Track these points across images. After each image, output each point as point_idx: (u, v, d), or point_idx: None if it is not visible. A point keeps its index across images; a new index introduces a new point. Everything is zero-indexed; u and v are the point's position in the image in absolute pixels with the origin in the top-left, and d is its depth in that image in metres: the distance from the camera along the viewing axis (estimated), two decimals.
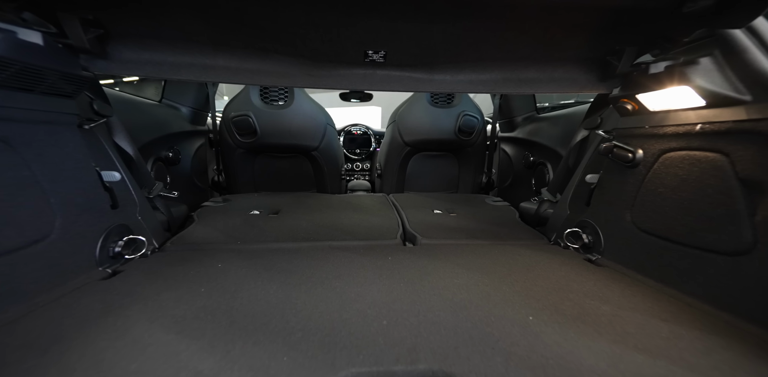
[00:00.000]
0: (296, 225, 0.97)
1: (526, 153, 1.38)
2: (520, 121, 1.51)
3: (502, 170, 1.63)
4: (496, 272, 0.65)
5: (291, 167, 1.49)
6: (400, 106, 1.50)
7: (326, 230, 0.93)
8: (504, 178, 1.61)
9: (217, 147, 1.42)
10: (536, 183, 1.32)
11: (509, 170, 1.55)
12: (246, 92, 1.29)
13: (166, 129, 1.15)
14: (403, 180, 1.61)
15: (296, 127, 1.33)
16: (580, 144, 0.94)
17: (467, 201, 1.33)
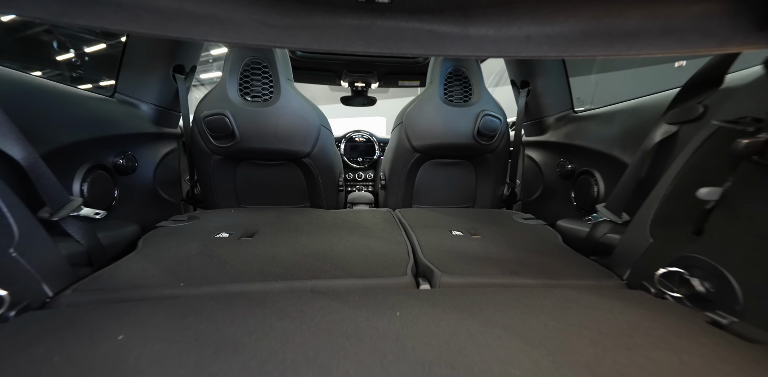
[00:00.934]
0: (272, 254, 0.71)
1: (562, 160, 1.13)
2: (552, 122, 1.26)
3: (528, 180, 1.37)
4: (572, 350, 0.38)
5: (279, 177, 1.24)
6: (408, 105, 1.25)
7: (311, 262, 0.67)
8: (531, 190, 1.34)
9: (190, 153, 1.18)
10: (578, 196, 1.05)
11: (537, 180, 1.29)
12: (222, 86, 1.06)
13: (110, 128, 0.91)
14: (411, 192, 1.35)
15: (283, 129, 1.08)
16: (660, 145, 0.68)
17: (491, 218, 1.07)
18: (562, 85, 1.25)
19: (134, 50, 1.07)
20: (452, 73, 1.22)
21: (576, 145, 1.04)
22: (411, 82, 2.06)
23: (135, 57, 1.08)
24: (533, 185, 1.33)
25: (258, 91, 1.10)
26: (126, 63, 1.07)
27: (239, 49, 1.05)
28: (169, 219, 0.97)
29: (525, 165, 1.39)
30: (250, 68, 1.08)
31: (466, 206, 1.38)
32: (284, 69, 1.09)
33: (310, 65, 1.91)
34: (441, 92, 1.21)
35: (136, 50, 1.07)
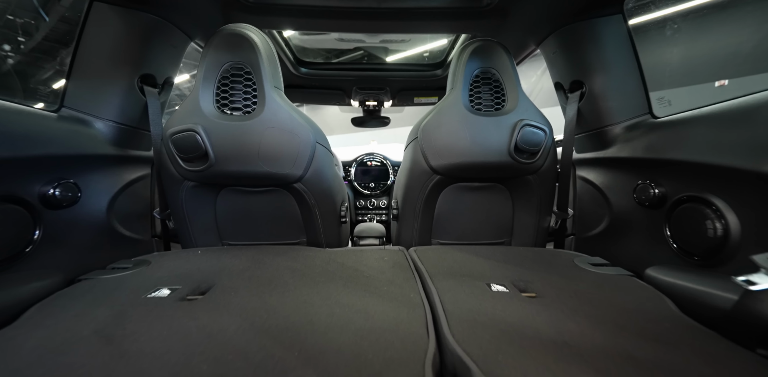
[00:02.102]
0: (214, 330, 0.46)
1: (642, 182, 0.84)
2: (620, 133, 0.97)
3: (585, 209, 1.07)
4: None
5: (268, 206, 1.00)
6: (424, 116, 1.01)
7: (269, 350, 0.41)
8: (588, 222, 1.05)
9: (159, 180, 0.98)
10: (678, 234, 0.76)
11: (599, 210, 0.99)
12: (194, 97, 0.86)
13: (36, 149, 0.71)
14: (430, 223, 1.08)
15: (268, 147, 0.86)
16: None
17: (542, 261, 0.78)
18: (633, 83, 0.96)
19: (89, 55, 0.90)
20: (479, 76, 0.98)
21: (671, 159, 0.75)
22: (428, 99, 1.85)
23: (90, 63, 0.90)
24: (593, 216, 1.03)
25: (239, 101, 0.89)
26: (77, 70, 0.90)
27: (217, 50, 0.86)
28: (108, 267, 0.74)
29: (579, 189, 1.10)
30: (230, 75, 0.88)
31: (501, 241, 1.08)
32: (271, 75, 0.88)
33: (316, 83, 1.74)
34: (466, 98, 0.97)
35: (91, 55, 0.90)
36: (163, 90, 1.04)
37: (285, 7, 1.00)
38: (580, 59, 1.02)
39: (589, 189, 1.05)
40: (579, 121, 1.06)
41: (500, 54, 0.96)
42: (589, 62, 1.00)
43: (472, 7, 1.01)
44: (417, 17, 1.06)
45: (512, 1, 0.97)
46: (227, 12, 0.98)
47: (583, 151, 1.11)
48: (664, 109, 0.90)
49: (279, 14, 1.03)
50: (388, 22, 1.09)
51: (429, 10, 1.02)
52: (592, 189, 1.03)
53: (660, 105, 0.97)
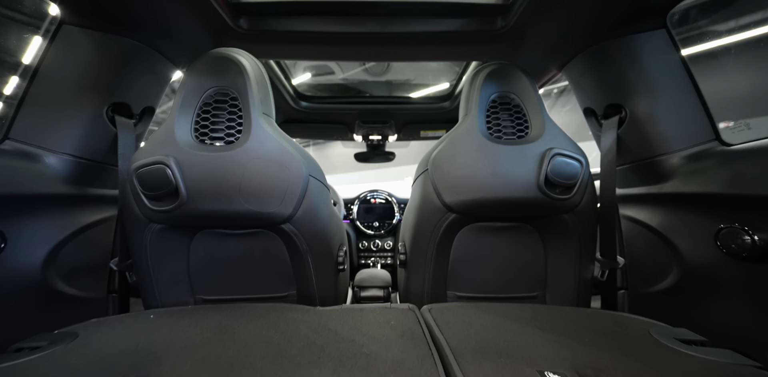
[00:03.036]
0: None
1: (729, 226, 0.66)
2: (679, 164, 0.81)
3: (638, 257, 0.89)
4: None
5: (252, 253, 0.84)
6: (435, 146, 0.88)
7: None
8: (648, 275, 0.85)
9: (120, 223, 0.83)
10: None
11: (664, 259, 0.80)
12: (168, 125, 0.75)
13: None
14: (445, 272, 0.90)
15: (251, 181, 0.72)
16: None
17: (606, 333, 0.58)
18: (690, 105, 0.82)
19: (50, 81, 0.80)
20: (497, 101, 0.87)
21: None
22: (436, 133, 1.76)
23: (50, 90, 0.80)
24: (652, 266, 0.84)
25: (221, 129, 0.77)
26: (33, 97, 0.79)
27: (200, 75, 0.76)
28: (11, 348, 0.55)
29: (627, 232, 0.92)
30: (213, 101, 0.77)
31: (533, 296, 0.89)
32: (259, 100, 0.77)
33: (318, 117, 1.66)
34: (482, 125, 0.84)
35: (53, 81, 0.80)
36: (141, 121, 0.93)
37: (282, 34, 0.93)
38: (616, 81, 0.90)
39: (641, 232, 0.87)
40: (620, 151, 0.91)
41: (519, 77, 0.86)
42: (628, 83, 0.88)
43: (485, 30, 0.93)
44: (424, 42, 0.98)
45: (530, 23, 0.88)
46: (219, 39, 0.90)
47: (629, 186, 0.95)
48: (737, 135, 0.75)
49: (275, 42, 0.96)
50: (394, 49, 1.01)
51: (437, 34, 0.94)
52: (646, 233, 0.85)
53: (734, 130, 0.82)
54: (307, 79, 1.62)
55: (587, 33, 0.88)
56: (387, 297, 1.20)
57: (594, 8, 0.79)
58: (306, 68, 1.63)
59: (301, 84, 1.55)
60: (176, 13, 0.81)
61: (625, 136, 0.90)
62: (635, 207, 0.90)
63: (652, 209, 0.86)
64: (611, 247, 0.87)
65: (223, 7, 0.84)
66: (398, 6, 0.89)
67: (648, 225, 0.84)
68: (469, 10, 0.91)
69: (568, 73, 1.05)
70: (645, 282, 0.86)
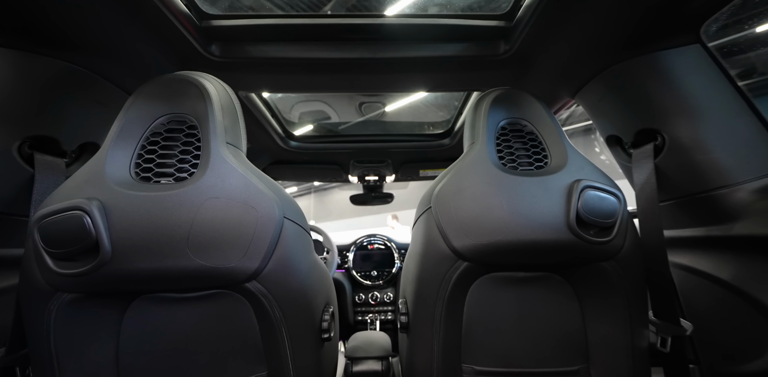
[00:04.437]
0: None
1: None
2: (750, 197, 0.65)
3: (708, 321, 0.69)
4: None
5: (208, 321, 0.63)
6: (438, 180, 0.74)
7: None
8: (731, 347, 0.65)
9: (17, 297, 0.64)
10: None
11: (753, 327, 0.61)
12: (96, 161, 0.59)
13: None
14: (458, 337, 0.70)
15: (204, 227, 0.56)
16: None
17: None
18: (746, 125, 0.69)
19: None
20: (506, 128, 0.75)
21: None
22: (435, 171, 1.65)
23: None
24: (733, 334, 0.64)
25: (171, 163, 0.63)
26: None
27: (148, 101, 0.63)
28: None
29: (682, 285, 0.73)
30: (164, 131, 0.63)
31: (574, 370, 0.68)
32: (224, 128, 0.64)
33: (309, 157, 1.56)
34: (493, 153, 0.71)
35: None
36: (78, 160, 0.79)
37: (260, 61, 0.84)
38: (646, 103, 0.78)
39: (707, 286, 0.68)
40: (661, 184, 0.76)
41: (530, 102, 0.75)
42: (663, 105, 0.76)
43: (486, 55, 0.85)
44: (419, 69, 0.90)
45: (536, 46, 0.80)
46: (187, 68, 0.79)
47: (677, 226, 0.78)
48: None
49: (253, 71, 0.86)
50: (386, 77, 0.92)
51: (433, 60, 0.86)
52: (714, 287, 0.66)
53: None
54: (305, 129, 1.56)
55: (604, 52, 0.79)
56: (386, 371, 0.96)
57: (612, 25, 0.70)
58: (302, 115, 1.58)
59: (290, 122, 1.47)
60: (131, 36, 0.70)
61: (665, 167, 0.76)
62: (691, 253, 0.73)
63: (717, 256, 0.68)
64: (669, 306, 0.68)
65: (191, 31, 0.74)
66: (391, 29, 0.82)
67: (715, 277, 0.66)
68: (468, 33, 0.84)
69: (583, 99, 0.94)
70: (726, 356, 0.65)
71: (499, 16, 0.82)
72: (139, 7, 0.67)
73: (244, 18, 0.78)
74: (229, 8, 0.83)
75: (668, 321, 0.68)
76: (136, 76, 0.82)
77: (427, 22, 0.82)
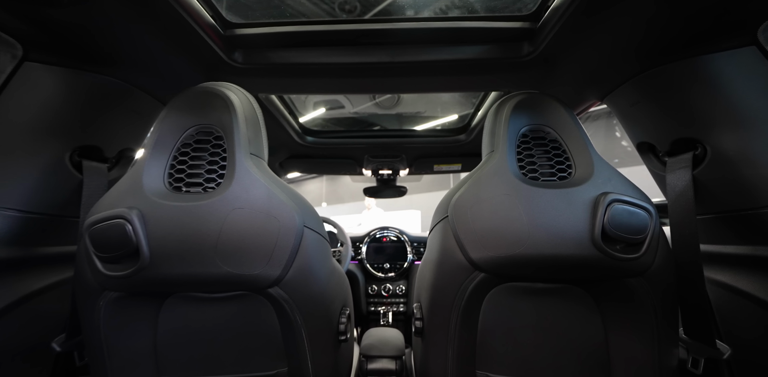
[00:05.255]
0: None
1: None
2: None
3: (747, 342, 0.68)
4: None
5: (233, 320, 0.68)
6: (456, 188, 0.74)
7: None
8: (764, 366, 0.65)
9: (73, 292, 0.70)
10: None
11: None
12: (135, 172, 0.63)
13: None
14: (473, 345, 0.72)
15: (231, 237, 0.59)
16: None
17: None
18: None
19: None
20: (528, 135, 0.73)
21: None
22: (450, 166, 1.63)
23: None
24: None
25: (200, 174, 0.66)
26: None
27: (179, 113, 0.66)
28: None
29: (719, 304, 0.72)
30: (194, 141, 0.66)
31: None
32: (248, 140, 0.66)
33: (325, 152, 1.56)
34: (513, 164, 0.70)
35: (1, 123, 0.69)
36: (119, 164, 0.83)
37: (281, 67, 0.84)
38: (687, 110, 0.74)
39: (748, 307, 0.67)
40: (699, 196, 0.73)
41: (555, 107, 0.73)
42: (707, 113, 0.71)
43: (508, 57, 0.82)
44: (438, 72, 0.88)
45: (563, 49, 0.76)
46: (211, 75, 0.82)
47: (716, 242, 0.75)
48: None
49: (274, 76, 0.87)
50: (405, 79, 0.90)
51: (453, 63, 0.84)
52: (757, 309, 0.65)
53: None
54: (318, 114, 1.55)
55: (640, 56, 0.74)
56: (400, 371, 1.00)
57: (653, 28, 0.66)
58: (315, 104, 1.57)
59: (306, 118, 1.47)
60: (162, 49, 0.74)
61: (705, 179, 0.72)
62: (731, 271, 0.71)
63: (763, 276, 0.66)
64: (704, 326, 0.66)
65: (215, 41, 0.75)
66: (409, 33, 0.80)
67: (759, 298, 0.64)
68: (490, 35, 0.81)
69: (613, 103, 0.90)
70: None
71: (523, 18, 0.78)
72: (171, 24, 0.70)
73: (265, 26, 0.78)
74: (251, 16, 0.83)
75: (702, 341, 0.67)
76: (166, 84, 0.86)
77: (446, 25, 0.79)
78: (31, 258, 0.71)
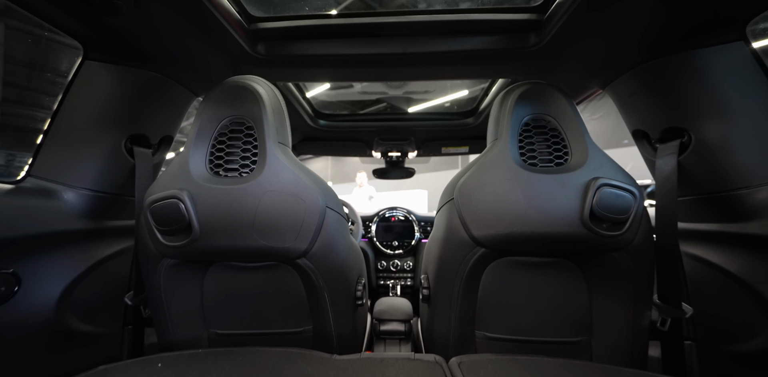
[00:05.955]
0: None
1: None
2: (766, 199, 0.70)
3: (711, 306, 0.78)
4: None
5: (266, 287, 0.80)
6: (461, 173, 0.81)
7: None
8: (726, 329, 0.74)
9: (135, 257, 0.82)
10: None
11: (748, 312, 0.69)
12: (182, 157, 0.73)
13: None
14: (473, 309, 0.82)
15: (265, 216, 0.68)
16: None
17: None
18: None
19: (71, 117, 0.80)
20: (530, 124, 0.79)
21: None
22: (458, 149, 1.69)
23: (71, 126, 0.80)
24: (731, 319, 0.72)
25: (236, 160, 0.74)
26: (54, 134, 0.79)
27: (216, 105, 0.73)
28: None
29: (692, 273, 0.81)
30: (229, 131, 0.74)
31: (575, 341, 0.79)
32: (275, 130, 0.74)
33: (337, 135, 1.63)
34: (515, 151, 0.77)
35: (74, 117, 0.80)
36: (159, 149, 0.93)
37: (300, 57, 0.90)
38: (677, 101, 0.79)
39: (715, 276, 0.75)
40: (682, 180, 0.80)
41: (556, 97, 0.78)
42: (694, 104, 0.77)
43: (515, 47, 0.86)
44: (448, 62, 0.92)
45: (568, 40, 0.80)
46: (237, 66, 0.89)
47: (694, 220, 0.83)
48: None
49: (293, 66, 0.93)
50: (416, 69, 0.95)
51: (462, 53, 0.88)
52: (722, 278, 0.73)
53: None
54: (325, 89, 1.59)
55: (640, 48, 0.79)
56: (408, 332, 1.12)
57: (653, 23, 0.70)
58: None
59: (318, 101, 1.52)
60: (196, 45, 0.80)
61: (688, 164, 0.79)
62: (704, 245, 0.79)
63: (729, 251, 0.74)
64: (674, 291, 0.75)
65: (241, 35, 0.82)
66: (421, 26, 0.84)
67: (724, 269, 0.72)
68: (498, 26, 0.84)
69: (613, 92, 0.95)
70: (722, 337, 0.73)
71: (531, 9, 0.82)
72: (205, 23, 0.77)
73: (286, 20, 0.84)
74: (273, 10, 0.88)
75: (671, 304, 0.76)
76: (198, 76, 0.94)
77: (456, 18, 0.83)
78: (101, 229, 0.83)
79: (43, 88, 4.85)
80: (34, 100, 5.06)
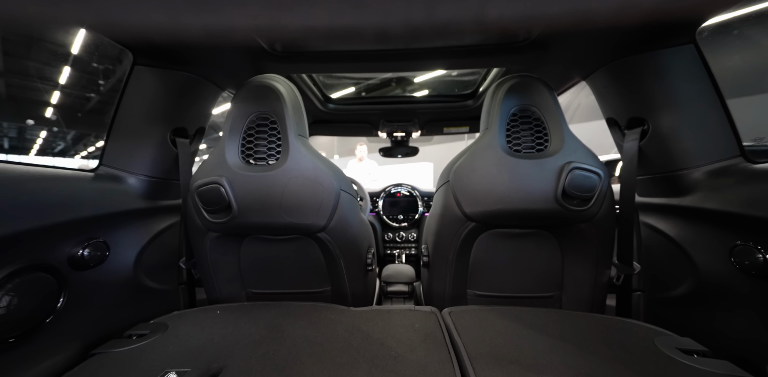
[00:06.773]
0: None
1: (744, 244, 0.68)
2: (701, 179, 0.82)
3: (655, 263, 0.92)
4: None
5: (292, 255, 0.96)
6: (456, 158, 0.94)
7: None
8: (664, 280, 0.89)
9: (185, 230, 0.98)
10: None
11: (678, 267, 0.84)
12: (220, 149, 0.86)
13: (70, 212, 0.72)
14: (465, 272, 0.98)
15: (291, 198, 0.83)
16: None
17: (612, 342, 0.64)
18: (715, 120, 0.82)
19: (128, 115, 0.93)
20: (517, 114, 0.90)
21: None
22: (458, 129, 1.78)
23: (128, 122, 0.94)
24: (668, 273, 0.87)
25: (263, 151, 0.88)
26: (116, 129, 0.93)
27: (244, 102, 0.86)
28: (125, 334, 0.70)
29: (647, 238, 0.95)
30: (256, 125, 0.87)
31: (549, 296, 0.96)
32: (295, 124, 0.86)
33: (344, 117, 1.73)
34: (502, 139, 0.88)
35: (130, 115, 0.93)
36: (194, 139, 1.06)
37: (313, 54, 1.00)
38: (640, 94, 0.90)
39: (659, 240, 0.89)
40: (642, 162, 0.93)
41: (541, 90, 0.88)
42: (652, 97, 0.88)
43: (507, 42, 0.95)
44: (447, 56, 1.01)
45: (553, 36, 0.89)
46: (258, 63, 0.99)
47: (649, 195, 0.97)
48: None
49: (307, 61, 1.02)
50: (418, 62, 1.04)
51: (460, 48, 0.97)
52: (665, 242, 0.88)
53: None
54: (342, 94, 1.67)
55: (613, 47, 0.88)
56: (411, 292, 1.30)
57: (621, 26, 0.79)
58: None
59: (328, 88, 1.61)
60: (225, 49, 0.90)
61: (647, 148, 0.91)
62: (656, 216, 0.92)
63: (672, 220, 0.87)
64: (628, 253, 0.91)
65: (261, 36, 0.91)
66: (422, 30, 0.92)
67: (667, 234, 0.87)
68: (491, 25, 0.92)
69: (591, 83, 1.05)
70: (661, 287, 0.89)
71: None
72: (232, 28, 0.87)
73: None
74: None
75: (625, 263, 0.92)
76: (224, 73, 1.05)
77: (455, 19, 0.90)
78: (155, 208, 0.99)
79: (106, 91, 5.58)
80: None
